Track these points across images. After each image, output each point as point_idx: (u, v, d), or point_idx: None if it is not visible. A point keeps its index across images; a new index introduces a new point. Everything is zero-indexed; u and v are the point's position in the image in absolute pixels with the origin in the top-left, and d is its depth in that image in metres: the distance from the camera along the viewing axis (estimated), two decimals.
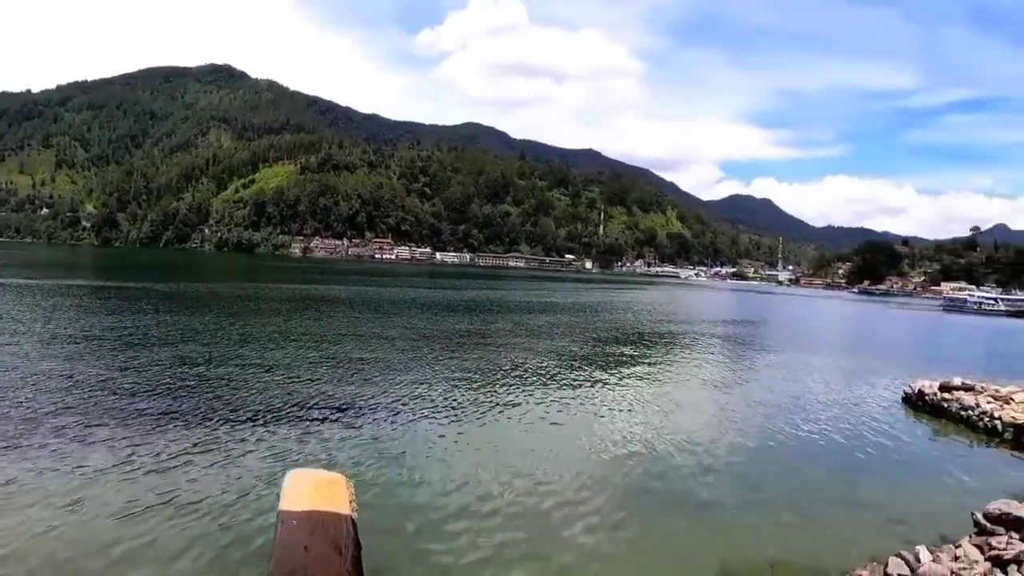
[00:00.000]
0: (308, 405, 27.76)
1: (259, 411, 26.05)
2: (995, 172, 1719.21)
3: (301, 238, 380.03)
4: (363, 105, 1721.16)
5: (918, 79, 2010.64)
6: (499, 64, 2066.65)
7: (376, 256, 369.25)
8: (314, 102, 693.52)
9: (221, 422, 24.05)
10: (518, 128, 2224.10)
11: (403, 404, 29.36)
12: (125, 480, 17.84)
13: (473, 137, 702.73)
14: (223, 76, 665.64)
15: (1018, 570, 14.59)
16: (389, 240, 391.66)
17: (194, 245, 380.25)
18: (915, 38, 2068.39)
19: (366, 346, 45.33)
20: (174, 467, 19.10)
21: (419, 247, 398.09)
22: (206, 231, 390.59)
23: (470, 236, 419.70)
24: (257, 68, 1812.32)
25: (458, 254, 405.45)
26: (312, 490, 5.16)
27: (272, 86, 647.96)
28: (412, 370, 37.57)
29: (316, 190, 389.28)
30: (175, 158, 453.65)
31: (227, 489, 17.72)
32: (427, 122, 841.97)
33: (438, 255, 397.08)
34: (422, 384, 33.83)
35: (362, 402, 29.19)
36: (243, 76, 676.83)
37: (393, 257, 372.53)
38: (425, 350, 45.74)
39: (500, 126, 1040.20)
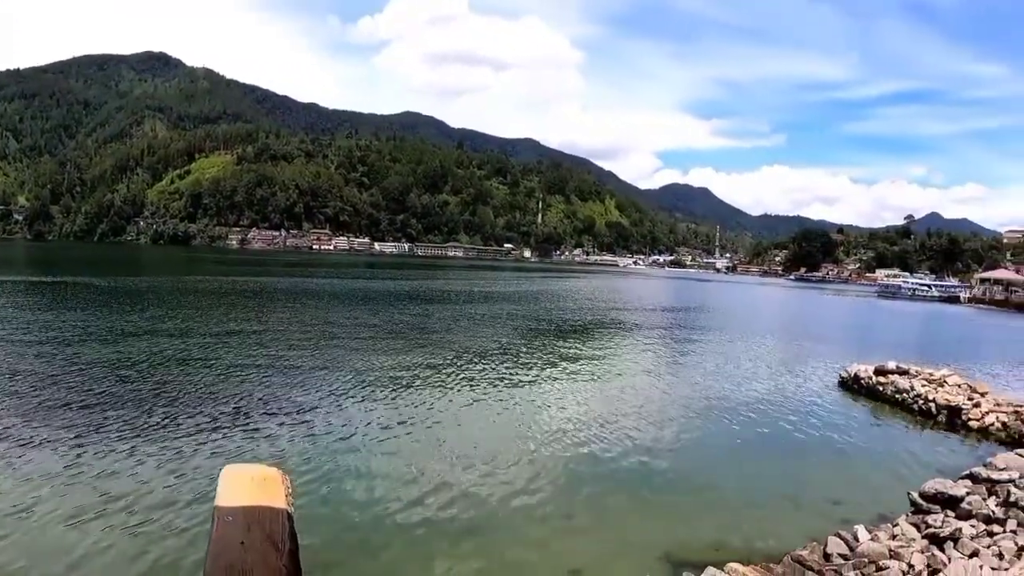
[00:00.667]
0: (249, 400, 27.53)
1: (200, 407, 25.89)
2: (928, 162, 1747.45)
3: (238, 230, 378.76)
4: (301, 94, 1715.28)
5: (853, 71, 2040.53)
6: (439, 53, 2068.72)
7: (314, 247, 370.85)
8: (252, 91, 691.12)
9: (162, 420, 23.90)
10: (457, 117, 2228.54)
11: (344, 397, 29.38)
12: (70, 484, 17.76)
13: (412, 126, 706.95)
14: (158, 64, 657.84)
15: (954, 547, 15.20)
16: (327, 231, 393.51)
17: (129, 238, 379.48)
18: (851, 31, 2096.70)
19: (306, 339, 45.06)
20: (112, 467, 18.99)
21: (357, 237, 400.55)
22: (141, 224, 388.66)
23: (409, 226, 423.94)
24: (193, 56, 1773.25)
25: (397, 244, 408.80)
26: (248, 485, 4.74)
27: (209, 74, 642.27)
28: (353, 362, 37.54)
29: (253, 181, 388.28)
30: (109, 148, 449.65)
31: (168, 487, 17.82)
32: (366, 111, 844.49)
33: (376, 245, 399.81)
34: (364, 376, 33.78)
35: (303, 396, 28.97)
36: (179, 64, 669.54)
37: (331, 248, 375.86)
38: (366, 342, 45.64)
39: (439, 115, 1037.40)
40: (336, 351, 40.95)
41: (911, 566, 14.46)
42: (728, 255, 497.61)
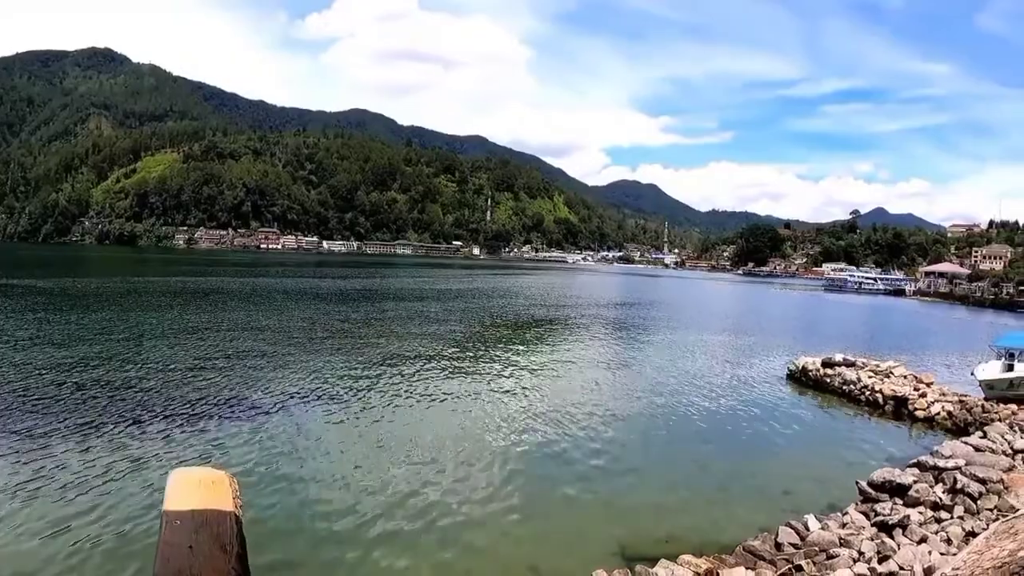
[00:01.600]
0: (198, 403, 27.27)
1: (148, 411, 25.61)
2: (874, 158, 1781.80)
3: (185, 229, 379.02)
4: (249, 91, 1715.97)
5: (801, 69, 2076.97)
6: (387, 50, 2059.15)
7: (262, 246, 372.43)
8: (199, 88, 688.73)
9: (109, 424, 23.52)
10: (406, 115, 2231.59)
11: (295, 398, 29.26)
12: (14, 492, 17.37)
13: (360, 123, 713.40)
14: (104, 60, 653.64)
15: (903, 533, 15.51)
16: (275, 230, 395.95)
17: (75, 238, 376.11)
18: (799, 30, 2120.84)
19: (255, 340, 44.70)
20: (58, 474, 18.65)
21: (306, 236, 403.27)
22: (87, 224, 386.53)
23: (357, 224, 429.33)
24: (139, 52, 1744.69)
25: (345, 242, 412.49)
26: (195, 489, 5.16)
27: (155, 71, 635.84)
28: (303, 362, 37.46)
29: (200, 179, 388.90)
30: (54, 147, 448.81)
31: (116, 492, 17.56)
32: (314, 108, 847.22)
33: (325, 244, 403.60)
34: (313, 376, 33.78)
35: (252, 397, 28.82)
36: (124, 60, 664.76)
37: (279, 247, 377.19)
38: (315, 342, 45.87)
39: (388, 112, 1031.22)
40: (287, 352, 40.80)
41: (861, 553, 14.66)
42: (676, 251, 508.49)
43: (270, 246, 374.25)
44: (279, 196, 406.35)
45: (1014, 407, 30.99)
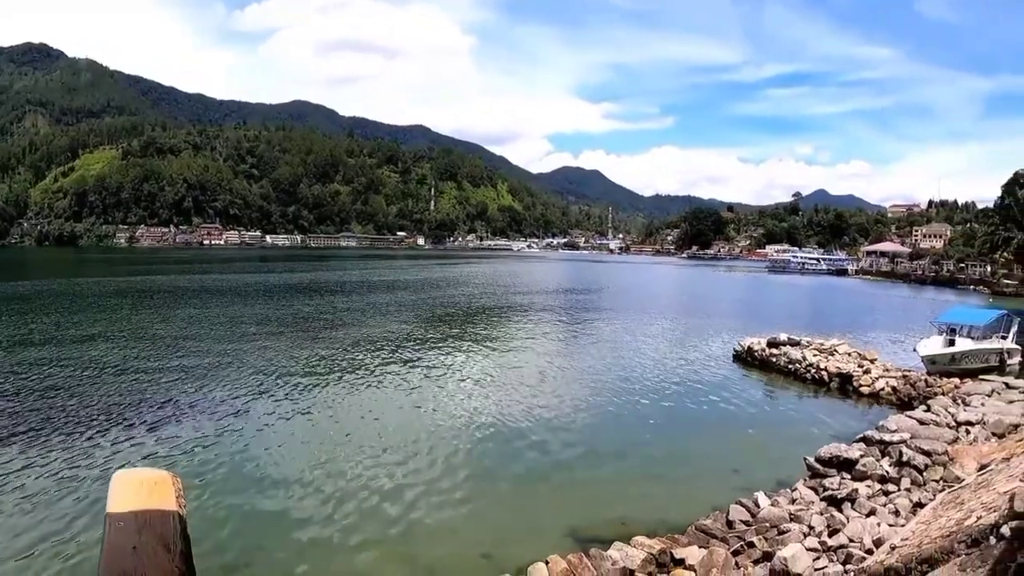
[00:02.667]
0: (143, 404, 27.14)
1: (93, 415, 25.32)
2: (815, 141, 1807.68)
3: (126, 227, 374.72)
4: (188, 84, 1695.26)
5: (743, 54, 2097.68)
6: (328, 41, 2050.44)
7: (205, 242, 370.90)
8: (136, 82, 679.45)
9: (52, 428, 23.38)
10: (348, 106, 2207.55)
11: (242, 394, 29.15)
12: None
13: (301, 115, 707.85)
14: (39, 56, 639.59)
15: (852, 507, 15.82)
16: (218, 225, 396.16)
17: (13, 240, 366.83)
18: (740, 15, 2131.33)
19: (202, 339, 44.31)
20: (2, 480, 18.50)
21: (249, 231, 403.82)
22: (25, 225, 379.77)
23: (300, 217, 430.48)
24: (75, 47, 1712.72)
25: (289, 236, 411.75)
26: (138, 490, 5.00)
27: (92, 66, 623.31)
28: (252, 360, 36.94)
29: (140, 176, 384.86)
30: None
31: (59, 497, 17.55)
32: (254, 101, 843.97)
33: (268, 238, 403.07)
34: (261, 373, 33.44)
35: (199, 397, 28.77)
36: (60, 55, 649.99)
37: (222, 242, 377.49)
38: (262, 338, 45.27)
39: (329, 104, 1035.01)
40: (235, 350, 40.42)
41: (811, 528, 15.06)
42: (621, 236, 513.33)
43: (213, 242, 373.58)
44: (221, 191, 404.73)
45: (956, 381, 32.14)
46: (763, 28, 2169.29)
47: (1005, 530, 9.33)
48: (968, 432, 22.04)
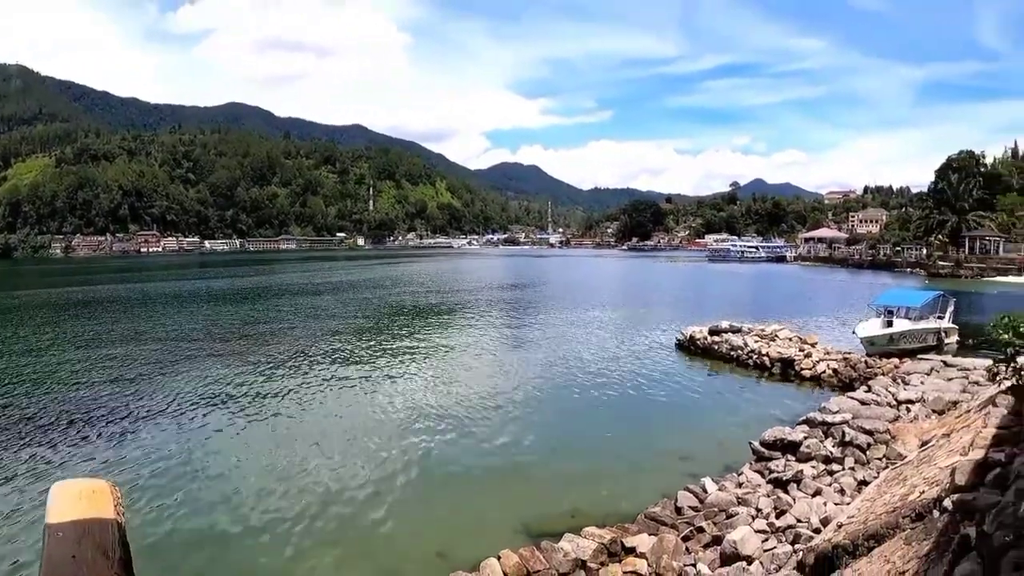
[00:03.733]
0: (83, 416, 26.83)
1: (32, 427, 25.21)
2: (751, 131, 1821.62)
3: (61, 237, 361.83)
4: (121, 88, 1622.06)
5: (679, 47, 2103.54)
6: (262, 40, 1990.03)
7: (143, 250, 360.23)
8: (68, 87, 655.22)
9: None
10: (283, 107, 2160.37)
11: (184, 404, 28.85)
12: None
13: (237, 118, 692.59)
14: None
15: (798, 488, 16.18)
16: (155, 232, 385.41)
17: None
18: (675, 8, 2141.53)
19: (142, 348, 43.80)
20: None
21: (187, 237, 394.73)
22: None
23: (239, 221, 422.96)
24: (4, 52, 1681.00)
25: (228, 241, 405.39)
26: (77, 500, 4.77)
27: (22, 72, 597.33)
28: (194, 367, 36.82)
29: (74, 184, 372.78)
30: None
31: (1, 512, 17.34)
32: (188, 104, 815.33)
33: (207, 243, 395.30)
34: (204, 382, 33.17)
35: (140, 407, 28.39)
36: None
37: (160, 249, 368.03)
38: (204, 345, 44.91)
39: (265, 105, 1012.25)
40: (176, 358, 40.10)
41: (759, 510, 15.30)
42: (561, 230, 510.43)
43: (151, 249, 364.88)
44: (157, 197, 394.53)
45: (895, 361, 32.99)
46: (698, 20, 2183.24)
47: (948, 503, 9.57)
48: (909, 410, 22.44)
